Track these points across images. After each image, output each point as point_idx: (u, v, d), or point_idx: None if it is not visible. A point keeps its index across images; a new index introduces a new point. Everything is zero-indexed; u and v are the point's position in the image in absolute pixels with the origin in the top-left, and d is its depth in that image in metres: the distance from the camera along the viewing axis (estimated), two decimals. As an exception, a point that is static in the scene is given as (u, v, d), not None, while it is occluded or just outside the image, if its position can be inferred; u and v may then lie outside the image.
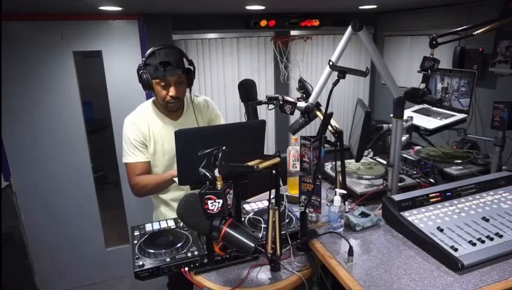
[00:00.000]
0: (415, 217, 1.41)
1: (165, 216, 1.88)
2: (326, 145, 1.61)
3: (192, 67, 1.75)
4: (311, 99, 1.70)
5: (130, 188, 1.83)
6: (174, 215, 1.85)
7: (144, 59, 1.68)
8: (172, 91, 1.69)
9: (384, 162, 1.80)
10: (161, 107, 1.82)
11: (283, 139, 3.59)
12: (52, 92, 2.69)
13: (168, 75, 1.65)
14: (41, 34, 2.59)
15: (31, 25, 2.56)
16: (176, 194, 1.85)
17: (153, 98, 1.85)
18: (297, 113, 1.75)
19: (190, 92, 1.82)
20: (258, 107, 1.70)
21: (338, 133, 1.62)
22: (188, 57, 1.75)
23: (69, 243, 2.94)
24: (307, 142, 1.44)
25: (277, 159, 1.20)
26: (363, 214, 1.50)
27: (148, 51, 1.68)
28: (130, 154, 1.78)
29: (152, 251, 1.31)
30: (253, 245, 1.09)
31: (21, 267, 2.83)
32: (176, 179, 1.52)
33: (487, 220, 1.38)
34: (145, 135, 1.78)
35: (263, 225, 1.45)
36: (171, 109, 1.79)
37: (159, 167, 1.83)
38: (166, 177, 1.72)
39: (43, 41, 2.60)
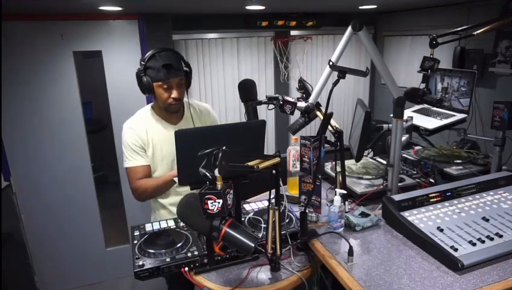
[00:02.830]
0: (415, 217, 1.41)
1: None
2: (326, 145, 1.61)
3: (188, 69, 1.77)
4: (311, 99, 1.70)
5: (131, 192, 1.83)
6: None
7: (143, 62, 1.68)
8: (174, 93, 1.71)
9: (384, 162, 1.80)
10: (160, 112, 1.82)
11: (283, 139, 3.59)
12: (52, 92, 2.69)
13: (171, 78, 1.67)
14: (41, 34, 2.59)
15: (31, 25, 2.56)
16: (175, 199, 1.85)
17: (151, 103, 1.86)
18: (297, 113, 1.75)
19: (187, 95, 1.82)
20: (258, 107, 1.70)
21: (338, 133, 1.62)
22: (185, 60, 1.76)
23: (69, 243, 2.94)
24: (307, 142, 1.44)
25: (277, 159, 1.20)
26: (363, 214, 1.50)
27: (147, 54, 1.68)
28: (130, 159, 1.78)
29: (152, 251, 1.31)
30: (253, 245, 1.09)
31: (21, 267, 2.83)
32: (176, 179, 1.52)
33: (487, 220, 1.37)
34: (143, 140, 1.78)
35: (263, 225, 1.45)
36: (172, 111, 1.79)
37: (158, 171, 1.82)
38: (167, 179, 1.72)
39: (43, 41, 2.60)
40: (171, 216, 1.83)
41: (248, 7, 2.59)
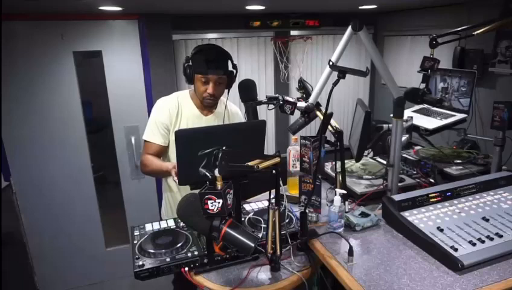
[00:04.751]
0: (415, 217, 1.41)
1: (171, 202, 1.92)
2: (326, 145, 1.61)
3: (234, 71, 1.79)
4: (311, 99, 1.70)
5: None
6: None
7: (192, 53, 1.75)
8: (210, 89, 1.74)
9: (384, 162, 1.80)
10: (196, 99, 1.86)
11: (283, 139, 3.59)
12: (52, 92, 2.69)
13: (209, 73, 1.71)
14: (41, 34, 2.59)
15: (31, 25, 2.56)
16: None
17: (190, 89, 1.90)
18: (297, 113, 1.75)
19: (228, 94, 1.84)
20: (258, 107, 1.69)
21: (338, 133, 1.62)
22: (233, 61, 1.79)
23: (69, 243, 2.95)
24: (307, 142, 1.44)
25: (277, 159, 1.19)
26: (363, 214, 1.50)
27: (196, 47, 1.77)
28: (150, 133, 1.82)
29: (152, 251, 1.31)
30: (253, 245, 1.09)
31: (21, 267, 2.83)
32: (176, 179, 1.52)
33: (487, 220, 1.37)
34: (172, 117, 1.81)
35: (263, 225, 1.45)
36: (206, 105, 1.83)
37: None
38: (163, 169, 1.73)
39: (43, 41, 2.60)
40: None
41: (248, 7, 2.59)
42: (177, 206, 1.23)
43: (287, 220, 1.48)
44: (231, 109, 1.98)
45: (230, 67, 1.78)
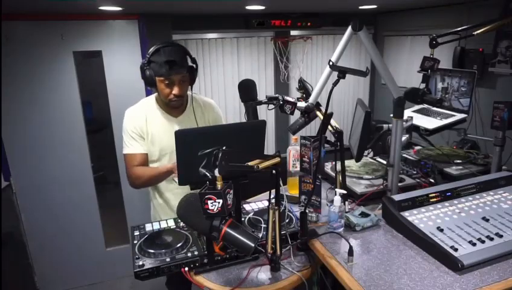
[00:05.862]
0: (415, 217, 1.41)
1: (160, 209, 1.90)
2: (326, 145, 1.61)
3: (194, 65, 1.75)
4: (311, 99, 1.70)
5: (128, 182, 1.83)
6: (169, 209, 1.82)
7: (148, 56, 1.67)
8: (176, 90, 1.70)
9: (384, 162, 1.80)
10: (162, 104, 1.82)
11: (283, 139, 3.59)
12: (52, 92, 2.69)
13: (172, 74, 1.65)
14: (41, 34, 2.59)
15: (31, 25, 2.56)
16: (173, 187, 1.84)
17: (155, 94, 1.85)
18: (297, 113, 1.75)
19: (191, 90, 1.81)
20: (258, 107, 1.69)
21: (338, 133, 1.62)
22: (191, 55, 1.74)
23: (69, 243, 2.94)
24: (307, 142, 1.44)
25: (277, 159, 1.20)
26: (363, 214, 1.50)
27: (152, 48, 1.67)
28: (128, 146, 1.79)
29: (152, 251, 1.31)
30: (253, 245, 1.09)
31: (21, 267, 2.83)
32: (176, 179, 1.52)
33: (487, 220, 1.37)
34: (142, 128, 1.78)
35: (263, 225, 1.45)
36: (173, 106, 1.79)
37: (159, 163, 1.82)
38: (162, 171, 1.71)
39: (43, 41, 2.60)
40: (166, 204, 1.86)
41: (248, 7, 2.59)
42: (177, 206, 1.24)
43: (287, 220, 1.48)
44: (203, 103, 1.91)
45: (189, 63, 1.73)
